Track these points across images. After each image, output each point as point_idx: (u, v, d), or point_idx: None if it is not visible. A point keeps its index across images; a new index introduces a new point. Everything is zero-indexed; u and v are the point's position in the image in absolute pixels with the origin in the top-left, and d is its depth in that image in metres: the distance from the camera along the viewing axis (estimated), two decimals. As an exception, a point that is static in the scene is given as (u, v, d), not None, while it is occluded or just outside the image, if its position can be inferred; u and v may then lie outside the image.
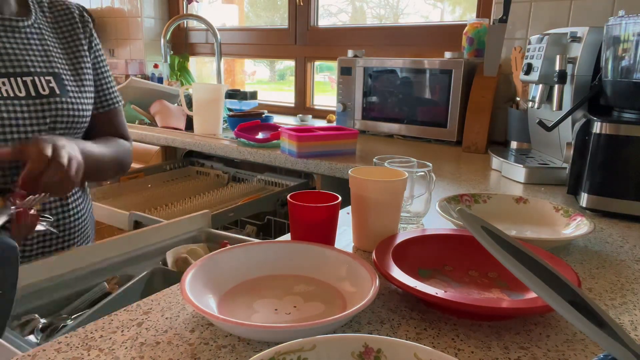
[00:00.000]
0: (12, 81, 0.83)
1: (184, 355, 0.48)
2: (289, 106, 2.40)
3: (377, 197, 0.72)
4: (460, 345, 0.51)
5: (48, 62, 0.89)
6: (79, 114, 0.92)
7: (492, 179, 1.23)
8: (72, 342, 0.50)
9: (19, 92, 0.83)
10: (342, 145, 1.45)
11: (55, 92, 0.87)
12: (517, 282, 0.62)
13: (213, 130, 1.77)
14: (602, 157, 0.94)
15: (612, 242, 0.82)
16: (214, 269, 0.61)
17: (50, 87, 0.87)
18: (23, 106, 0.83)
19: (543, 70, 1.15)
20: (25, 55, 0.86)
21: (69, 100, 0.89)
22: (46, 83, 0.87)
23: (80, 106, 0.92)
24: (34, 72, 0.86)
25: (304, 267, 0.65)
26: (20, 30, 0.86)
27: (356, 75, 1.81)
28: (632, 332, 0.55)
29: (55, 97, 0.87)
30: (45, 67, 0.88)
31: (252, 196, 1.52)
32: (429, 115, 1.69)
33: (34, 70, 0.86)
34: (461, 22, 1.85)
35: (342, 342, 0.42)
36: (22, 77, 0.84)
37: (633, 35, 0.94)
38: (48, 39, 0.91)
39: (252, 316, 0.55)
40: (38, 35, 0.89)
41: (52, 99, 0.87)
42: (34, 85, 0.85)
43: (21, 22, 0.87)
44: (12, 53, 0.84)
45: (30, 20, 0.89)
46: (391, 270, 0.59)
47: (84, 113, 0.94)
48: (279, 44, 2.37)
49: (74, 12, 0.98)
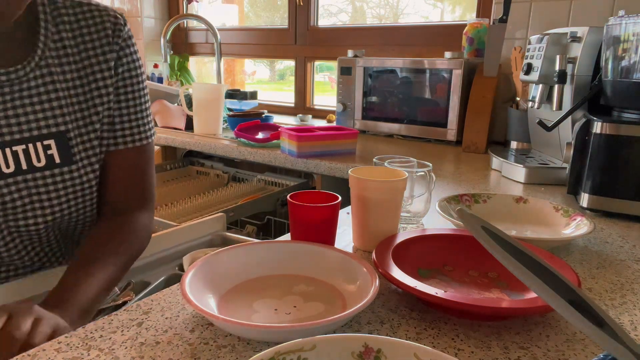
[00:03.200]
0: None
1: (184, 355, 0.48)
2: (289, 106, 2.40)
3: (377, 197, 0.72)
4: (460, 345, 0.51)
5: (52, 117, 0.68)
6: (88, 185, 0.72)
7: (492, 179, 1.23)
8: (72, 342, 0.50)
9: (6, 168, 0.65)
10: (342, 145, 1.45)
11: (54, 162, 0.68)
12: (517, 282, 0.62)
13: (213, 130, 1.77)
14: (602, 157, 0.94)
15: (612, 242, 0.82)
16: (214, 269, 0.60)
17: (48, 156, 0.68)
18: (11, 186, 0.66)
19: (543, 70, 1.15)
20: (20, 116, 0.66)
21: (73, 168, 0.70)
22: (43, 150, 0.67)
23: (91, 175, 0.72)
24: (28, 137, 0.66)
25: (304, 267, 0.65)
26: (12, 82, 0.65)
27: (356, 75, 1.81)
28: (632, 332, 0.55)
29: (54, 169, 0.68)
30: (47, 126, 0.68)
31: (252, 196, 1.52)
32: (429, 115, 1.69)
33: (28, 134, 0.66)
34: (461, 22, 1.85)
35: (342, 342, 0.42)
36: (11, 146, 0.65)
37: (633, 35, 0.94)
38: (57, 81, 0.69)
39: (252, 316, 0.55)
40: (43, 81, 0.68)
41: (47, 172, 0.68)
42: (26, 156, 0.66)
43: (20, 70, 0.66)
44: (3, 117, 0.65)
45: (33, 62, 0.67)
46: (391, 270, 0.59)
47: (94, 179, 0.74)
48: (279, 44, 2.38)
49: (106, 21, 0.73)
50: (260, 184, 1.68)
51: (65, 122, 0.69)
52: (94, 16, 0.73)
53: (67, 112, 0.70)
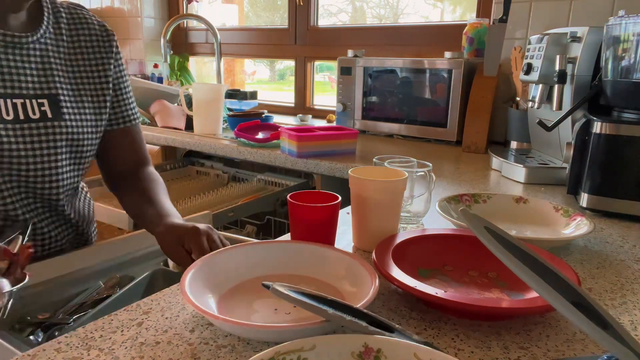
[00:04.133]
0: (1, 103, 0.78)
1: (183, 355, 0.48)
2: (289, 106, 2.40)
3: (377, 197, 0.72)
4: (460, 345, 0.51)
5: (45, 82, 0.83)
6: (78, 137, 0.86)
7: (492, 179, 1.23)
8: (72, 342, 0.50)
9: (7, 116, 0.78)
10: (342, 145, 1.45)
11: (47, 117, 0.82)
12: (517, 282, 0.62)
13: (213, 130, 1.77)
14: (602, 157, 0.94)
15: (612, 242, 0.82)
16: (214, 269, 0.61)
17: (41, 111, 0.82)
18: (9, 130, 0.78)
19: (543, 70, 1.15)
20: (21, 75, 0.81)
21: (63, 124, 0.84)
22: (38, 106, 0.81)
23: (79, 129, 0.86)
24: (26, 94, 0.81)
25: (304, 267, 0.65)
26: (21, 46, 0.81)
27: (356, 75, 1.81)
28: (632, 332, 0.55)
29: (46, 122, 0.82)
30: (41, 89, 0.83)
31: (252, 196, 1.52)
32: (429, 115, 1.69)
33: (26, 92, 0.81)
34: (461, 22, 1.85)
35: (342, 342, 0.42)
36: (12, 98, 0.79)
37: (633, 35, 0.94)
38: (53, 57, 0.85)
39: (252, 316, 0.55)
40: (40, 52, 0.83)
41: (41, 123, 0.81)
42: (23, 108, 0.80)
43: (24, 38, 0.81)
44: (7, 72, 0.79)
45: (35, 35, 0.83)
46: (391, 270, 0.59)
47: (87, 137, 0.88)
48: (279, 44, 2.37)
49: (94, 27, 0.92)
50: (260, 184, 1.68)
51: (56, 87, 0.85)
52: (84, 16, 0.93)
53: (58, 80, 0.85)
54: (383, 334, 0.45)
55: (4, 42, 0.79)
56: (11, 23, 0.81)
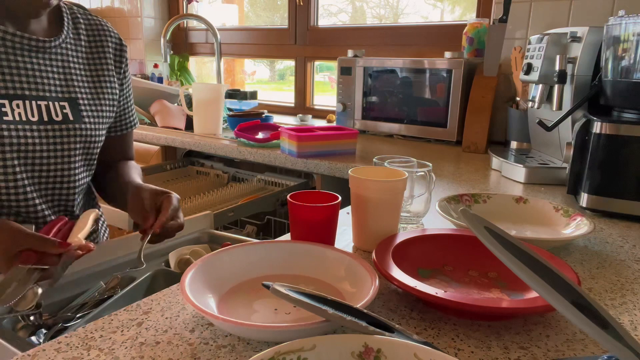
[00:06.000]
0: (27, 104, 0.81)
1: (183, 355, 0.48)
2: (289, 106, 2.40)
3: (377, 197, 0.72)
4: (460, 345, 0.51)
5: (66, 86, 0.87)
6: (93, 139, 0.91)
7: (492, 179, 1.23)
8: (72, 342, 0.50)
9: (32, 117, 0.81)
10: (342, 145, 1.45)
11: (69, 119, 0.86)
12: (517, 282, 0.62)
13: (213, 130, 1.77)
14: (602, 157, 0.94)
15: (612, 242, 0.82)
16: (214, 269, 0.60)
17: (64, 114, 0.86)
18: (34, 131, 0.81)
19: (543, 70, 1.15)
20: (45, 79, 0.84)
21: (83, 127, 0.88)
22: (60, 109, 0.85)
23: (95, 132, 0.91)
24: (49, 96, 0.84)
25: (304, 267, 0.65)
26: (45, 50, 0.84)
27: (356, 75, 1.81)
28: (632, 332, 0.55)
29: (68, 124, 0.86)
30: (62, 92, 0.87)
31: (252, 196, 1.52)
32: (429, 115, 1.69)
33: (49, 95, 0.84)
34: (461, 22, 1.85)
35: (342, 342, 0.42)
36: (37, 100, 0.83)
37: (633, 35, 0.94)
38: (72, 61, 0.89)
39: (252, 316, 0.55)
40: (62, 57, 0.87)
41: (64, 125, 0.85)
42: (47, 111, 0.84)
43: (48, 42, 0.84)
44: (32, 75, 0.82)
45: (58, 40, 0.86)
46: (391, 270, 0.59)
47: (100, 139, 0.93)
48: (279, 44, 2.37)
49: (113, 38, 0.97)
50: (260, 184, 1.68)
51: (75, 91, 0.89)
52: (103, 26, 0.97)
53: (77, 85, 0.89)
54: (383, 334, 0.45)
55: (29, 46, 0.82)
56: (33, 28, 0.84)
